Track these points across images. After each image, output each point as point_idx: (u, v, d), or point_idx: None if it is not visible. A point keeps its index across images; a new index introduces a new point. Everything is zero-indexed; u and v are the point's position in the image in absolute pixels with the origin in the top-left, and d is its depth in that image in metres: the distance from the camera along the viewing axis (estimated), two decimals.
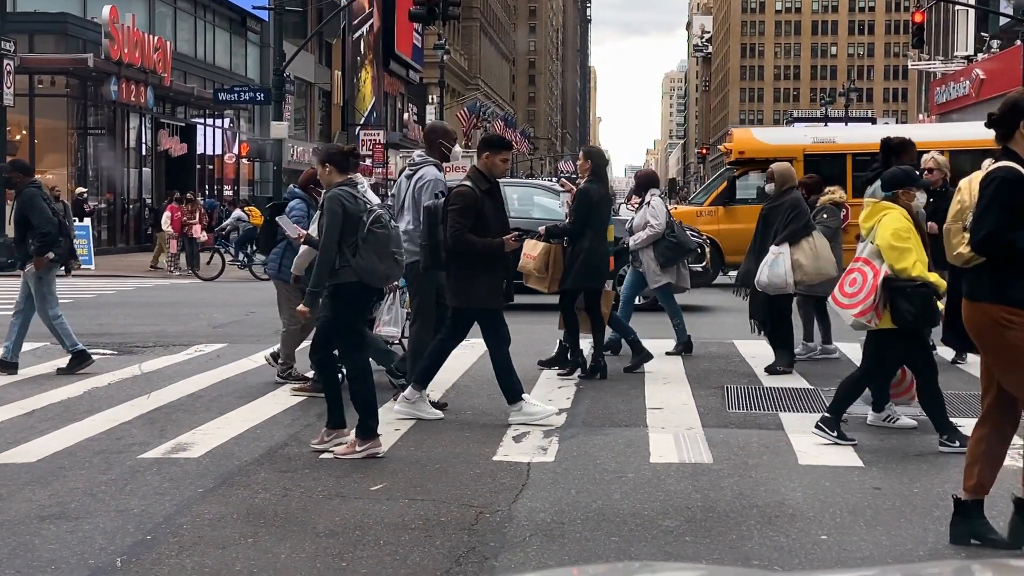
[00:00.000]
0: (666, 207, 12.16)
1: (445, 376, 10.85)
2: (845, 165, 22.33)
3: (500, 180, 9.13)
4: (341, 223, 7.46)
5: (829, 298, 7.80)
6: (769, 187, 11.08)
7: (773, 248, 10.65)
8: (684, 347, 12.23)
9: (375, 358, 10.06)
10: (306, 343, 9.62)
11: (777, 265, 10.59)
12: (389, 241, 7.57)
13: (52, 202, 11.62)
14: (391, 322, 10.41)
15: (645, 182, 12.39)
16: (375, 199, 9.48)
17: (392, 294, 10.22)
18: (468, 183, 8.56)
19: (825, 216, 11.58)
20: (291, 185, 11.03)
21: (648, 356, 11.17)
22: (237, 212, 27.10)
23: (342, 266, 7.48)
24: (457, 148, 9.29)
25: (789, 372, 10.84)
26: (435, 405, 9.10)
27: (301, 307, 7.88)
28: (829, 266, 10.91)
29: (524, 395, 8.66)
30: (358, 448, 7.48)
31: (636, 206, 12.94)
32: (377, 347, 9.86)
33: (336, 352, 7.88)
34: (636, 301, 12.78)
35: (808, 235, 10.77)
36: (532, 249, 11.06)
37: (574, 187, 11.42)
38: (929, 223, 11.35)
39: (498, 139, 9.11)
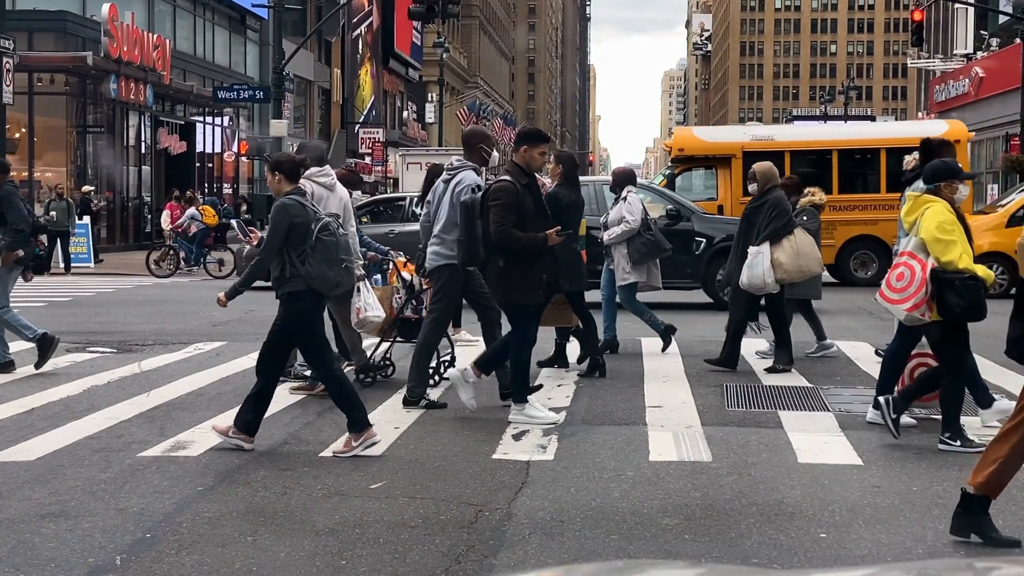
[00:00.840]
0: (643, 204, 12.12)
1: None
2: (783, 163, 22.47)
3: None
4: (285, 232, 7.49)
5: (876, 294, 7.73)
6: (752, 187, 11.10)
7: (752, 248, 10.67)
8: (665, 333, 12.15)
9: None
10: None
11: (755, 266, 10.61)
12: (338, 248, 7.59)
13: (25, 202, 11.59)
14: (370, 308, 10.48)
15: (622, 179, 12.32)
16: (339, 203, 9.67)
17: (359, 283, 10.33)
18: (508, 178, 8.49)
19: (805, 218, 11.58)
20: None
21: (565, 363, 11.17)
22: (191, 211, 26.75)
23: (292, 275, 7.51)
24: (496, 154, 9.29)
25: (788, 370, 10.86)
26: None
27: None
28: (813, 263, 10.94)
29: (530, 398, 8.63)
30: (355, 443, 7.49)
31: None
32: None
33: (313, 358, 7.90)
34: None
35: (789, 233, 10.79)
36: None
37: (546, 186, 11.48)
38: None
39: (536, 132, 9.00)
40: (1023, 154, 37.00)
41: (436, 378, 10.17)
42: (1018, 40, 38.42)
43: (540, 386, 9.59)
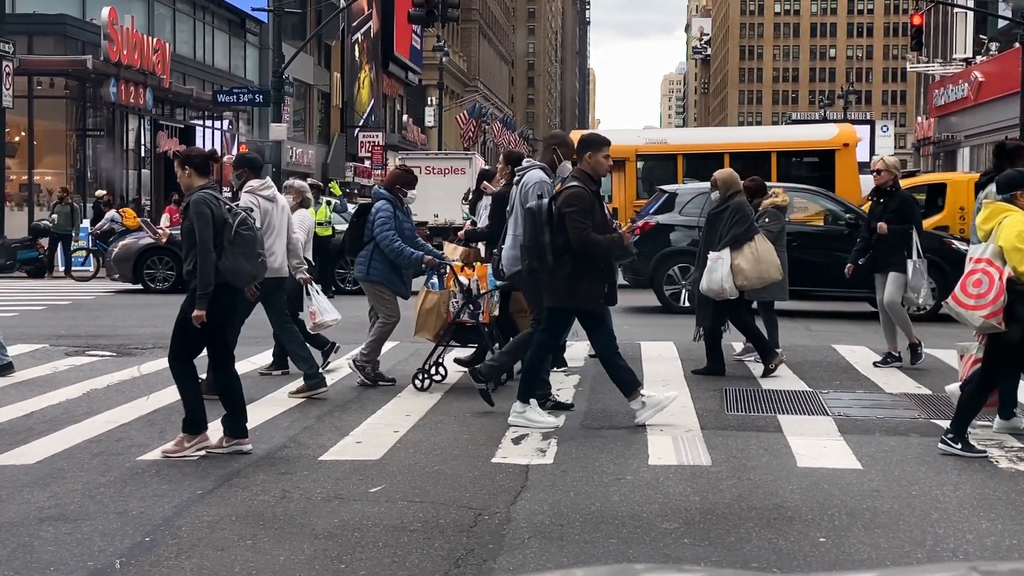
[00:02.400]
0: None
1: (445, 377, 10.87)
2: (676, 165, 23.05)
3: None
4: (212, 222, 7.46)
5: (948, 299, 7.67)
6: (714, 194, 11.11)
7: (712, 254, 10.66)
8: None
9: (275, 356, 10.18)
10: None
11: (714, 271, 10.62)
12: (255, 242, 7.60)
13: None
14: (324, 311, 10.48)
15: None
16: (282, 214, 9.87)
17: (306, 286, 10.47)
18: (578, 183, 8.45)
19: (767, 220, 11.59)
20: (376, 186, 11.00)
21: (564, 363, 11.18)
22: (111, 213, 26.56)
23: None
24: (567, 164, 9.24)
25: (782, 362, 10.96)
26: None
27: (196, 312, 7.59)
28: (772, 270, 10.96)
29: (532, 401, 8.60)
30: (187, 445, 7.53)
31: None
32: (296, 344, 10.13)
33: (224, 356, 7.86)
34: None
35: (750, 240, 10.79)
36: (452, 252, 11.09)
37: (493, 189, 11.50)
38: (879, 224, 11.44)
39: (596, 136, 8.88)
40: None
41: (437, 377, 10.20)
42: (1017, 44, 38.44)
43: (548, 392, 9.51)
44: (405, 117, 77.82)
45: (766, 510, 6.30)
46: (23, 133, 33.82)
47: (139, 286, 20.88)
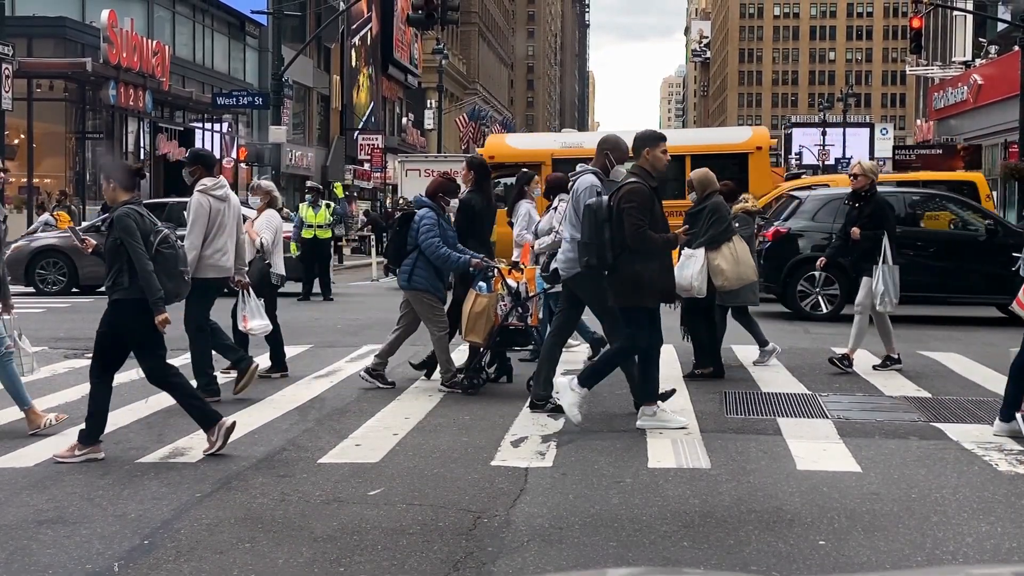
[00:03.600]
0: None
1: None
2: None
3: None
4: (139, 235, 7.44)
5: (1013, 303, 7.67)
6: (691, 196, 11.11)
7: (686, 251, 10.58)
8: (595, 343, 12.10)
9: (220, 353, 10.22)
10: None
11: (685, 267, 10.46)
12: (177, 260, 7.58)
13: None
14: (254, 317, 10.46)
15: (555, 186, 12.12)
16: (234, 214, 9.85)
17: (241, 292, 10.37)
18: (638, 180, 8.43)
19: (737, 224, 11.56)
20: (418, 194, 10.95)
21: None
22: (45, 216, 26.40)
23: (130, 283, 7.47)
24: (620, 168, 9.25)
25: (708, 373, 10.92)
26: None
27: (159, 317, 7.58)
28: (749, 271, 10.97)
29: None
30: (77, 452, 7.51)
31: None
32: (218, 342, 10.11)
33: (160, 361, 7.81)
34: None
35: (728, 240, 10.79)
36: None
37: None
38: (852, 229, 11.45)
39: (652, 132, 8.83)
40: (1021, 161, 37.02)
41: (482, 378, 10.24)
42: (1017, 47, 38.45)
43: (674, 390, 9.47)
44: (405, 120, 77.85)
45: (765, 513, 6.29)
46: (22, 135, 33.82)
47: (30, 289, 20.87)
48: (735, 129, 35.27)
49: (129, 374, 11.18)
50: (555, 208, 11.79)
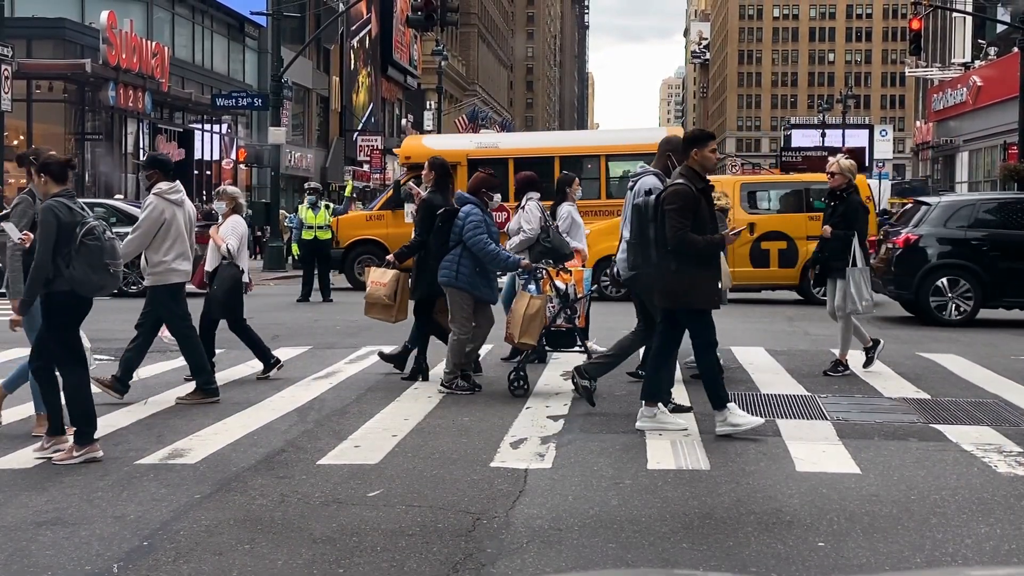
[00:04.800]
0: (541, 211, 12.06)
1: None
2: (508, 169, 23.40)
3: None
4: (55, 233, 7.44)
5: None
6: None
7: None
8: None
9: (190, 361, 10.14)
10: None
11: None
12: (103, 253, 7.53)
13: None
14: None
15: (524, 185, 12.13)
16: (187, 218, 9.84)
17: None
18: (683, 181, 8.33)
19: None
20: (459, 191, 10.90)
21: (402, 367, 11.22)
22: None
23: (56, 276, 7.48)
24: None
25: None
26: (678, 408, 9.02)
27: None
28: (724, 277, 10.92)
29: (729, 403, 8.44)
30: (75, 453, 7.51)
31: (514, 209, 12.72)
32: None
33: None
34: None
35: None
36: (381, 277, 10.91)
37: (421, 195, 11.51)
38: (824, 227, 11.45)
39: (700, 132, 8.73)
40: (1021, 163, 37.04)
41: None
42: (1016, 49, 38.48)
43: (690, 408, 9.39)
44: (404, 121, 77.88)
45: (765, 514, 6.30)
46: (22, 137, 33.83)
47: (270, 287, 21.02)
48: (651, 129, 36.17)
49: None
50: (523, 208, 11.82)
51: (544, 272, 10.40)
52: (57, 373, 7.82)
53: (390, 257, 11.10)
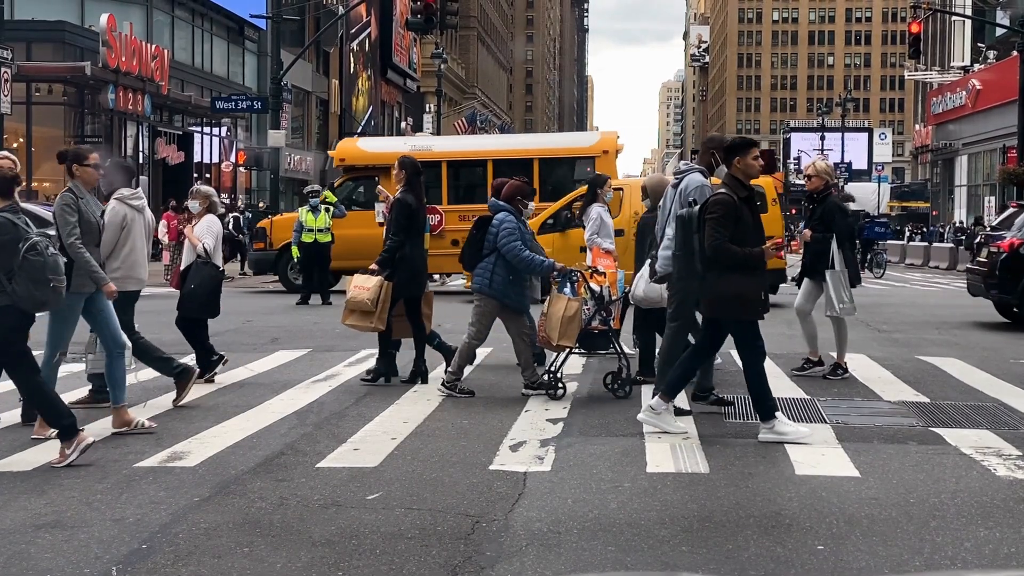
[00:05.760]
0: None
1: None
2: (441, 172, 23.83)
3: None
4: (3, 248, 7.38)
5: None
6: (645, 201, 11.05)
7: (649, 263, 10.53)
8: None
9: (156, 368, 10.08)
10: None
11: (643, 279, 10.41)
12: (45, 268, 7.45)
13: None
14: None
15: (496, 191, 12.22)
16: (145, 225, 9.73)
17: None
18: (726, 191, 8.27)
19: None
20: (492, 198, 10.87)
21: (395, 372, 11.17)
22: None
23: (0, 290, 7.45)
24: (724, 168, 9.28)
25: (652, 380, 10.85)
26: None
27: None
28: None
29: (777, 414, 8.37)
30: (68, 452, 7.50)
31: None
32: (152, 356, 9.89)
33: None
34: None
35: None
36: (365, 282, 10.76)
37: (390, 196, 11.52)
38: (804, 231, 11.47)
39: (741, 140, 8.67)
40: (1020, 166, 37.05)
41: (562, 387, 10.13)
42: (1015, 53, 38.49)
43: (690, 411, 9.36)
44: (403, 124, 77.92)
45: (764, 518, 6.29)
46: (21, 139, 33.85)
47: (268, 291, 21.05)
48: (584, 134, 36.89)
49: (128, 378, 11.19)
50: None
51: (579, 275, 10.39)
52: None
53: (373, 266, 11.01)
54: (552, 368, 10.32)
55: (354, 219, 22.92)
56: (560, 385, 10.12)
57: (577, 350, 10.67)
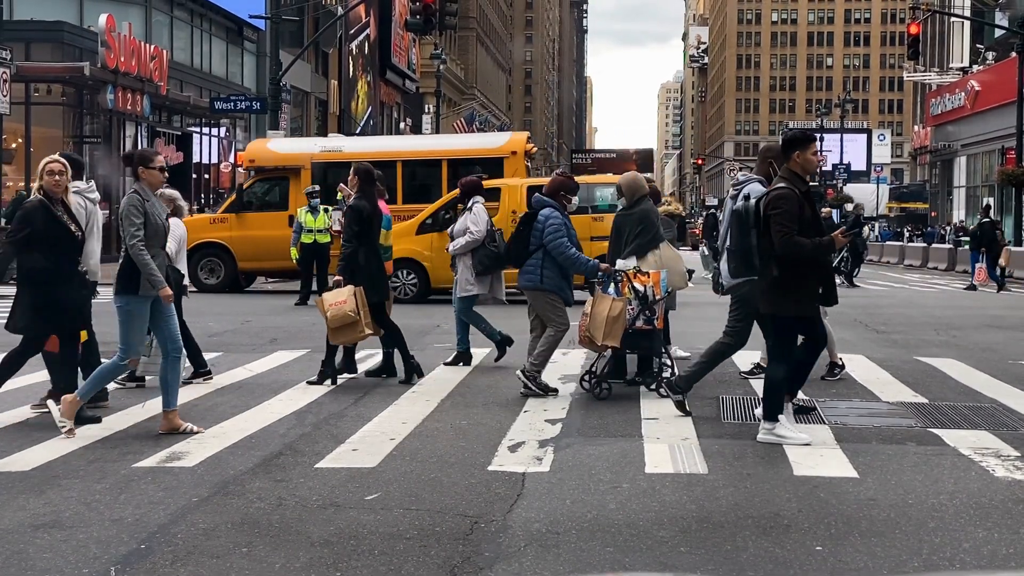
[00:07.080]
0: (487, 216, 12.02)
1: (441, 386, 10.88)
2: (351, 172, 23.72)
3: None
4: None
5: None
6: (620, 200, 11.03)
7: (620, 262, 10.51)
8: (501, 343, 12.21)
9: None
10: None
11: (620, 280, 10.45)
12: None
13: None
14: None
15: (469, 189, 12.13)
16: (100, 218, 9.79)
17: None
18: (786, 185, 8.24)
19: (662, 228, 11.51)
20: (537, 193, 10.87)
21: (393, 372, 11.37)
22: None
23: None
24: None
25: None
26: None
27: None
28: (676, 278, 10.89)
29: (781, 417, 8.33)
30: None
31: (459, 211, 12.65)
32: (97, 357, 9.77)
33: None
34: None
35: (655, 247, 10.70)
36: (337, 296, 10.66)
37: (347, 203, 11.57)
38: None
39: (800, 134, 8.59)
40: (1019, 167, 37.07)
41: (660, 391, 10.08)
42: (1014, 54, 38.51)
43: (689, 413, 9.37)
44: (402, 125, 77.90)
45: (763, 518, 6.30)
46: (20, 140, 33.84)
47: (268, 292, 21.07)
48: (492, 134, 37.24)
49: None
50: (469, 209, 11.83)
51: (623, 275, 10.38)
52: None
53: (337, 277, 10.96)
54: (594, 369, 10.33)
55: (262, 220, 23.09)
56: (605, 387, 10.13)
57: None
